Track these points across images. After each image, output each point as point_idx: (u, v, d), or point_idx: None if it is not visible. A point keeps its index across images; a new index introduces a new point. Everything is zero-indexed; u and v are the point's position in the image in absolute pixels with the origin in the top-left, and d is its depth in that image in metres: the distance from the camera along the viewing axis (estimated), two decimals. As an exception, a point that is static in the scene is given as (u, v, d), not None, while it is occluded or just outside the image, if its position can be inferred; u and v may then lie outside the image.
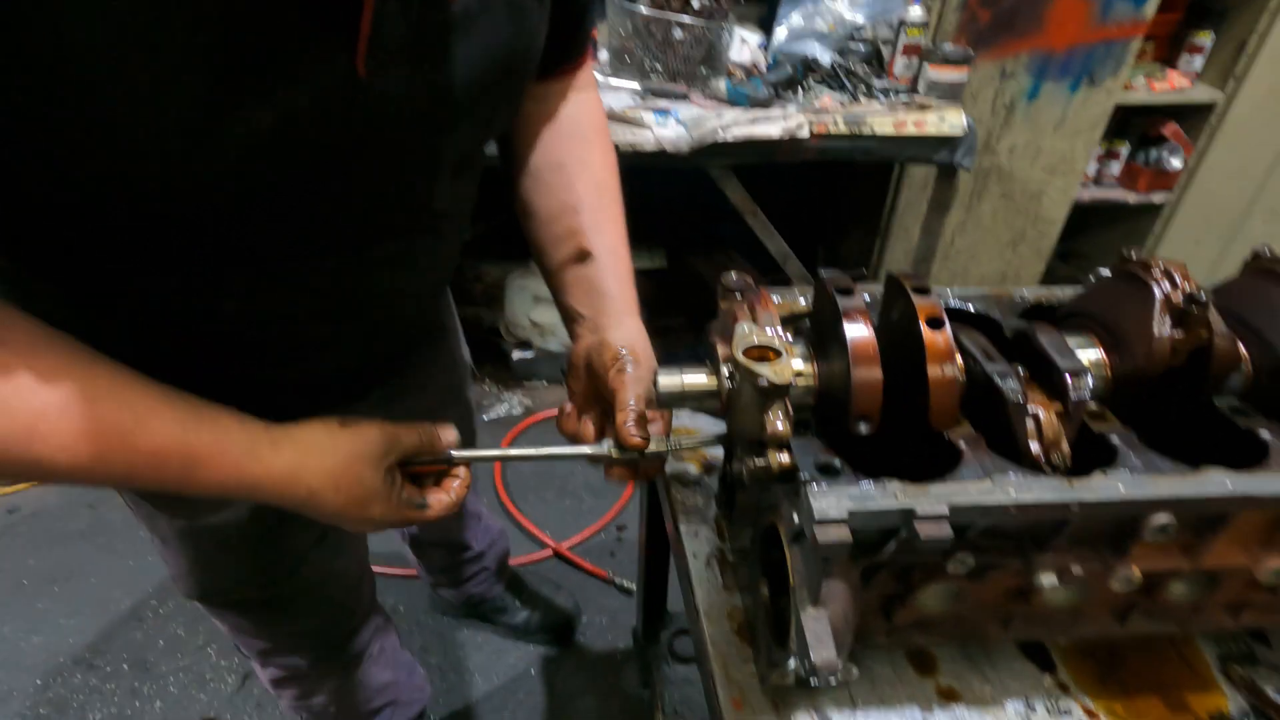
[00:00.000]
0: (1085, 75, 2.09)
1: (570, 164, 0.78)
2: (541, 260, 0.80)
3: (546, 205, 0.78)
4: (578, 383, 0.74)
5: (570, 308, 0.77)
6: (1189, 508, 0.51)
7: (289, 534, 0.85)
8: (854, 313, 0.54)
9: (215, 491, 0.56)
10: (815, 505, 0.49)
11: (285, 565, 0.88)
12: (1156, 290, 0.56)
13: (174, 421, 0.52)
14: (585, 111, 0.81)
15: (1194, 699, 0.69)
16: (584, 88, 0.81)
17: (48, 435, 0.47)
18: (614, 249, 0.78)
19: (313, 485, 0.58)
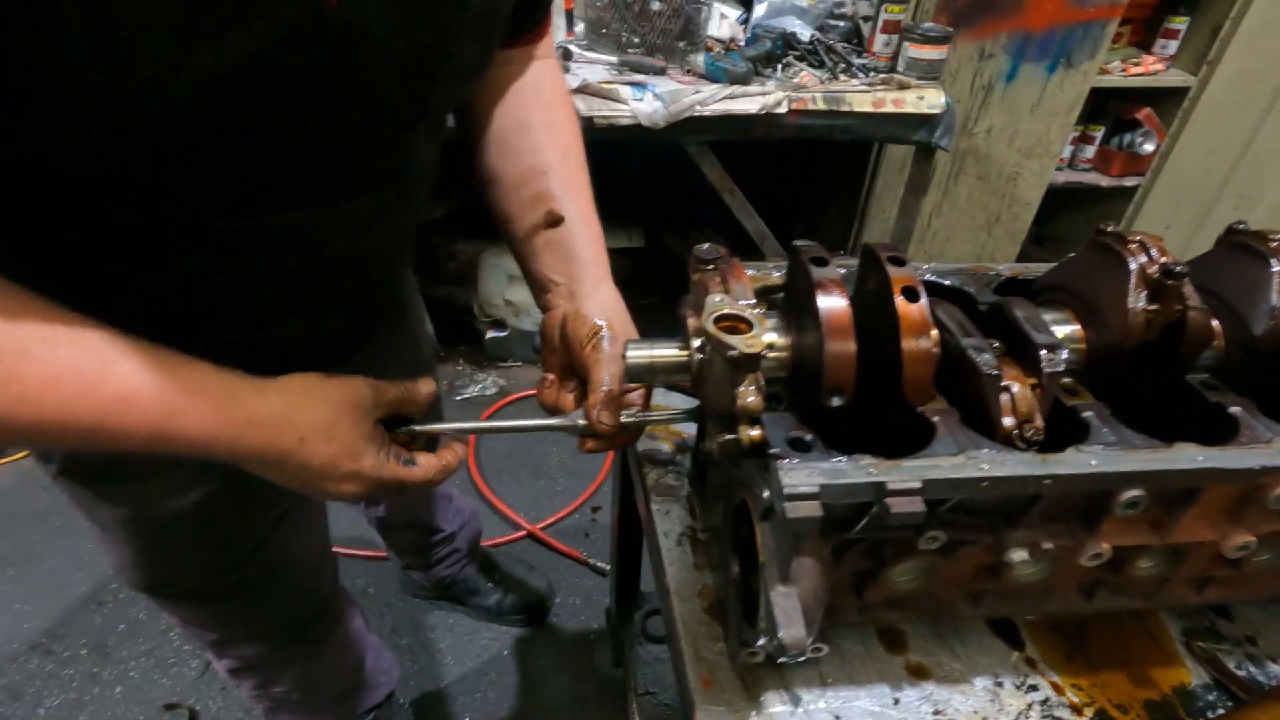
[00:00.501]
0: (1063, 57, 2.09)
1: (535, 128, 0.76)
2: (508, 227, 0.77)
3: (513, 170, 0.75)
4: (553, 355, 0.71)
5: (542, 275, 0.74)
6: (1160, 482, 0.51)
7: (242, 518, 0.81)
8: (828, 283, 0.52)
9: (194, 444, 0.51)
10: (785, 479, 0.47)
11: (239, 552, 0.83)
12: (1132, 262, 0.55)
13: (145, 366, 0.48)
14: (548, 78, 0.79)
15: (1158, 673, 0.70)
16: (544, 57, 0.80)
17: (5, 382, 0.43)
18: (585, 214, 0.76)
19: (304, 431, 0.55)
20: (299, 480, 0.58)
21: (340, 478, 0.58)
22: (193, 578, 0.84)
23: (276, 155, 0.52)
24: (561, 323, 0.70)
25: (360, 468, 0.58)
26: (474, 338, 2.42)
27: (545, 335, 0.72)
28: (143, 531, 0.77)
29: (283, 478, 0.57)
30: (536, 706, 1.50)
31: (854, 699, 0.66)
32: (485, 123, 0.76)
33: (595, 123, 1.64)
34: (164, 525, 0.76)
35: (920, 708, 0.66)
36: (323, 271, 0.65)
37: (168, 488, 0.73)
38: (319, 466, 0.56)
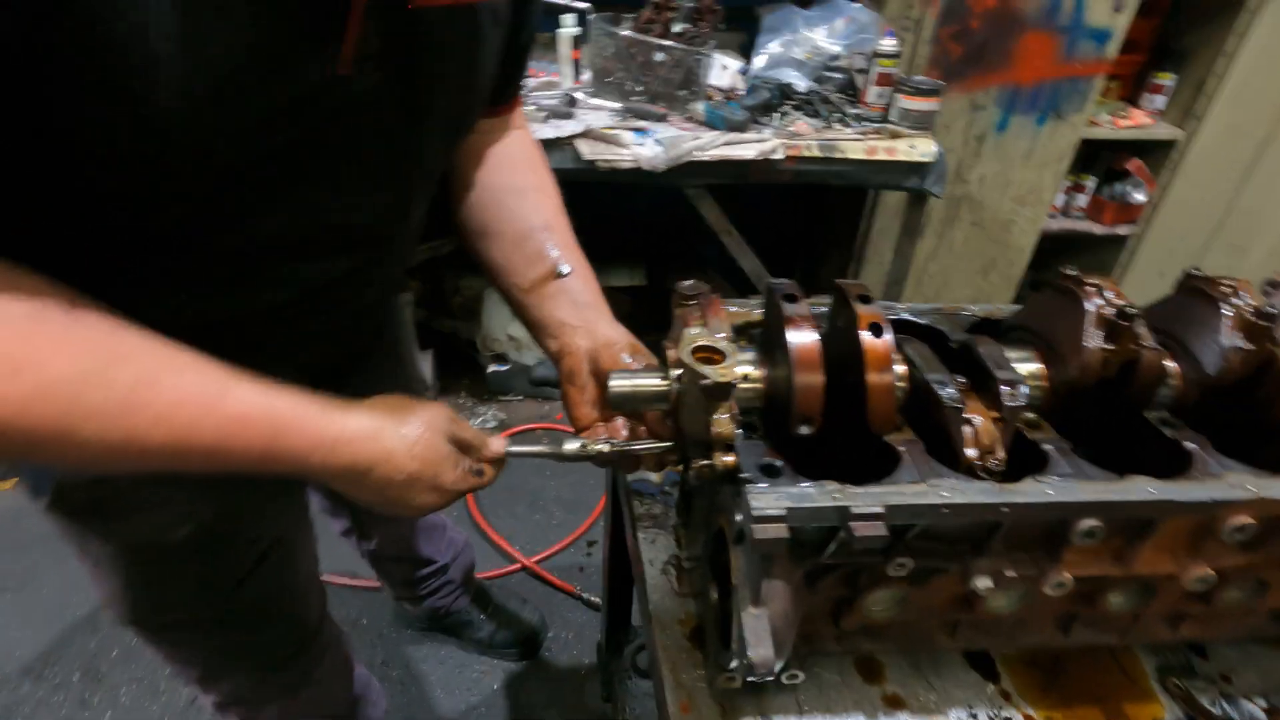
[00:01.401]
0: (1052, 109, 2.16)
1: (530, 190, 0.83)
2: (510, 279, 0.81)
3: (513, 228, 0.81)
4: (582, 390, 0.74)
5: (555, 319, 0.78)
6: (1115, 513, 0.53)
7: (229, 552, 0.83)
8: (798, 319, 0.56)
9: (296, 459, 0.55)
10: (754, 503, 0.50)
11: (226, 584, 0.85)
12: (1089, 305, 0.59)
13: (254, 389, 0.53)
14: (530, 145, 0.88)
15: (1132, 709, 0.70)
16: (519, 126, 0.88)
17: (141, 406, 0.47)
18: (585, 267, 0.82)
19: (389, 446, 0.59)
20: (383, 495, 0.61)
21: (422, 490, 0.63)
22: (181, 610, 0.85)
23: (278, 213, 0.56)
24: (591, 359, 0.74)
25: (441, 483, 0.63)
26: (476, 371, 2.46)
27: (571, 374, 0.74)
28: (132, 565, 0.79)
29: (366, 492, 0.61)
30: (526, 741, 1.49)
31: (830, 727, 0.67)
32: (474, 184, 0.83)
33: (598, 165, 1.70)
34: (153, 559, 0.79)
35: (895, 738, 0.67)
36: (313, 316, 0.69)
37: (157, 523, 0.76)
38: (403, 480, 0.61)
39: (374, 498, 0.62)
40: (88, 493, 0.71)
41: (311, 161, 0.54)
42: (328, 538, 0.99)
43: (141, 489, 0.72)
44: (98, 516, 0.74)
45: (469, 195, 0.83)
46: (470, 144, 0.82)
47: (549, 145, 1.70)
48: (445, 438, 0.64)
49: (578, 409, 0.74)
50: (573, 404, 0.74)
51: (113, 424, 0.47)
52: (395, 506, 0.63)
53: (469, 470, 0.66)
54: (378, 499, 0.62)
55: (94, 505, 0.73)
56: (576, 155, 1.70)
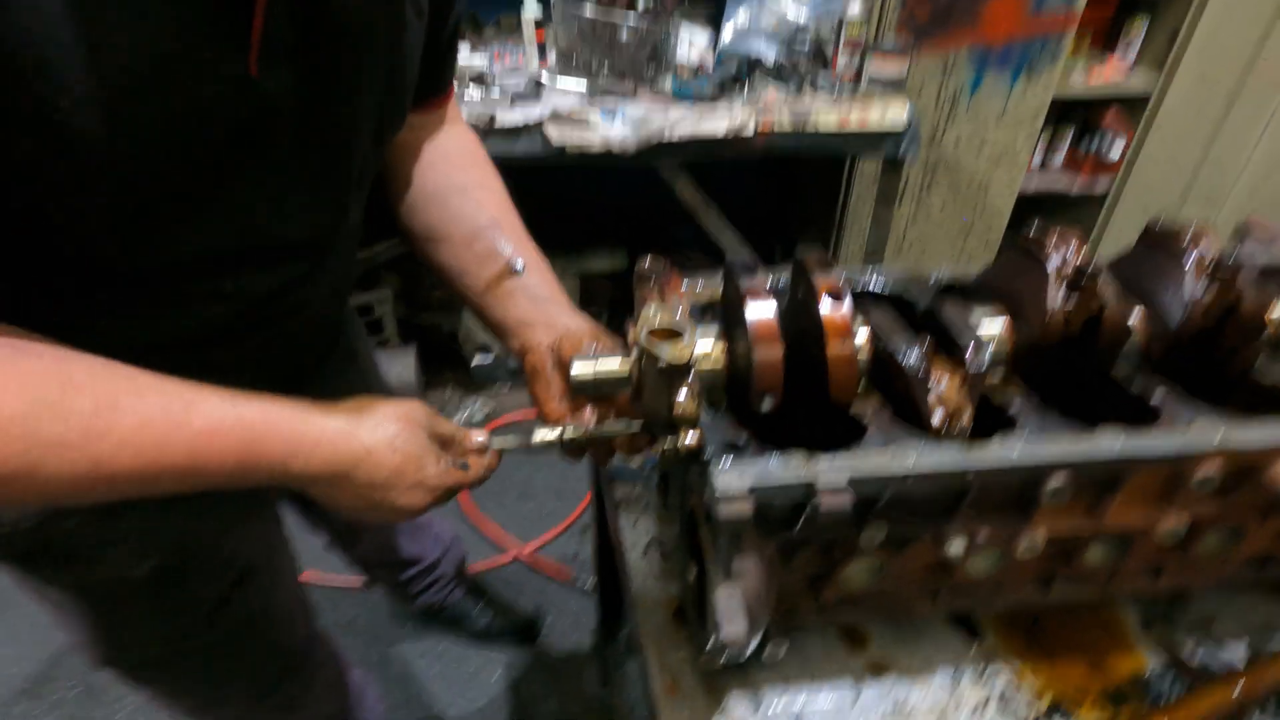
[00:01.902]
0: (1024, 67, 2.14)
1: (473, 188, 0.81)
2: (463, 280, 0.79)
3: (460, 229, 0.79)
4: (548, 388, 0.72)
5: (514, 317, 0.77)
6: (1083, 469, 0.53)
7: (198, 583, 0.80)
8: (756, 291, 0.55)
9: (274, 466, 0.54)
10: (718, 481, 0.49)
11: (198, 617, 0.82)
12: (1049, 264, 0.58)
13: (221, 399, 0.52)
14: (468, 139, 0.85)
15: (1115, 661, 0.71)
16: (456, 120, 0.85)
17: (104, 432, 0.46)
18: (538, 261, 0.80)
19: (368, 443, 0.58)
20: (367, 497, 0.60)
21: (406, 488, 0.61)
22: (154, 647, 0.82)
23: (204, 225, 0.54)
24: (554, 351, 0.72)
25: (424, 477, 0.61)
26: (461, 364, 2.44)
27: (534, 370, 0.73)
28: (95, 607, 0.76)
29: (349, 496, 0.60)
30: (527, 729, 1.50)
31: (815, 698, 0.67)
32: (415, 185, 0.80)
33: (567, 149, 1.68)
34: (116, 598, 0.76)
35: (880, 704, 0.67)
36: (259, 330, 0.67)
37: (114, 560, 0.73)
38: (385, 478, 0.59)
39: (357, 502, 0.60)
40: (35, 536, 0.69)
41: (231, 169, 0.52)
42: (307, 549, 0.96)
43: (92, 526, 0.69)
44: (49, 560, 0.71)
45: (410, 198, 0.81)
46: (404, 142, 0.79)
47: (516, 132, 1.67)
48: (425, 431, 0.63)
49: (546, 404, 0.73)
50: (541, 400, 0.73)
51: (77, 454, 0.45)
52: (380, 509, 0.61)
53: (453, 464, 0.65)
54: (362, 503, 0.60)
55: (44, 548, 0.70)
56: (545, 140, 1.68)
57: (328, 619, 1.67)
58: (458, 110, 0.86)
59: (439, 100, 0.81)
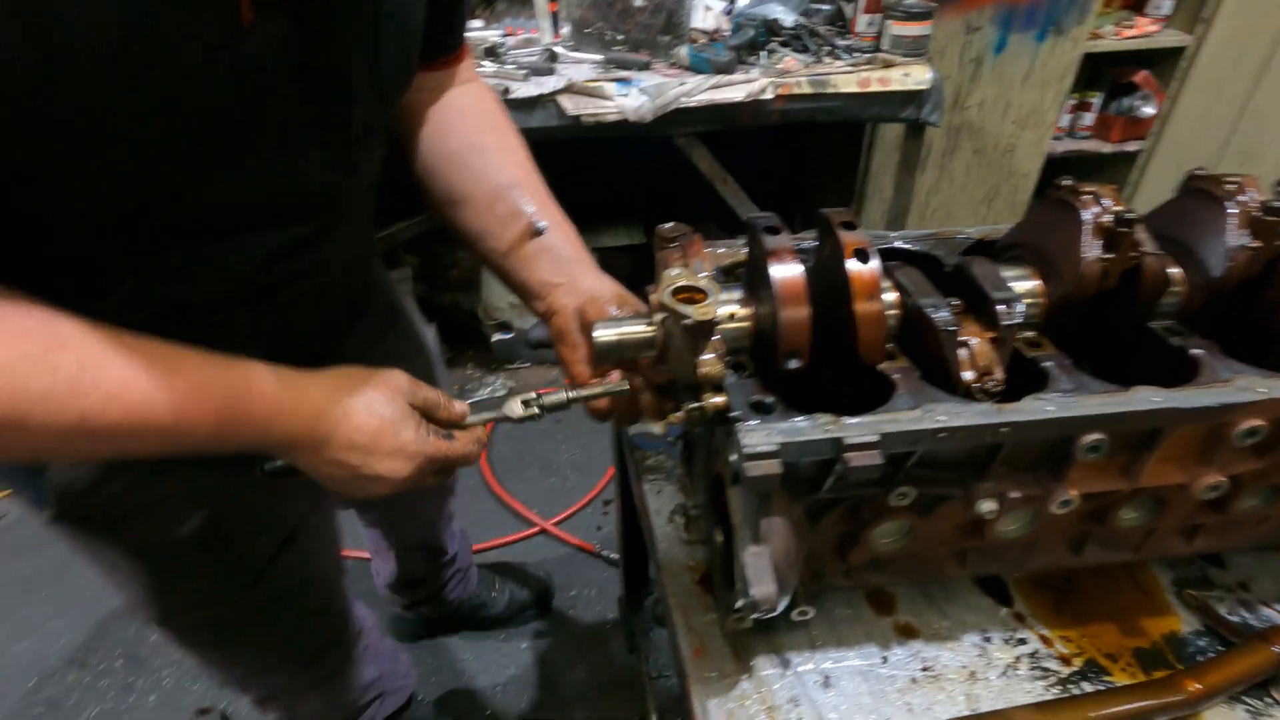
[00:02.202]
0: (1051, 25, 2.07)
1: (492, 147, 0.80)
2: (486, 243, 0.78)
3: (480, 190, 0.78)
4: (574, 350, 0.71)
5: (538, 280, 0.76)
6: (1119, 425, 0.51)
7: (244, 542, 0.82)
8: (781, 252, 0.54)
9: (256, 428, 0.55)
10: (745, 440, 0.49)
11: (246, 576, 0.83)
12: (1085, 214, 0.56)
13: (206, 360, 0.53)
14: (487, 99, 0.84)
15: (1148, 622, 0.70)
16: (473, 80, 0.84)
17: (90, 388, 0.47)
18: (561, 220, 0.79)
19: (348, 408, 0.59)
20: (347, 464, 0.60)
21: (386, 454, 0.61)
22: (204, 607, 0.84)
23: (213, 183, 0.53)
24: (579, 315, 0.71)
25: (403, 442, 0.62)
26: (480, 342, 2.46)
27: (561, 333, 0.73)
28: (146, 566, 0.78)
29: (328, 464, 0.60)
30: (555, 697, 1.52)
31: (843, 659, 0.67)
32: (433, 147, 0.79)
33: (583, 120, 1.66)
34: (165, 558, 0.78)
35: (909, 665, 0.67)
36: (275, 292, 0.67)
37: (161, 522, 0.74)
38: (365, 442, 0.60)
39: (338, 470, 0.61)
40: (87, 500, 0.70)
41: (233, 125, 0.51)
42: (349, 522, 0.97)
43: (141, 487, 0.71)
44: (101, 523, 0.73)
45: (429, 161, 0.79)
46: (420, 104, 0.78)
47: (531, 103, 1.65)
48: (405, 398, 0.63)
49: (573, 367, 0.72)
50: (567, 363, 0.73)
51: (63, 406, 0.46)
52: (362, 478, 0.62)
53: (435, 434, 0.65)
54: (342, 470, 0.61)
55: (96, 512, 0.72)
56: (560, 112, 1.66)
57: (356, 590, 1.71)
58: (473, 70, 0.84)
59: (450, 59, 0.79)
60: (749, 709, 0.63)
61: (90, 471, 0.68)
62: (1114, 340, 0.62)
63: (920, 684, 0.65)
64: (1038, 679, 0.65)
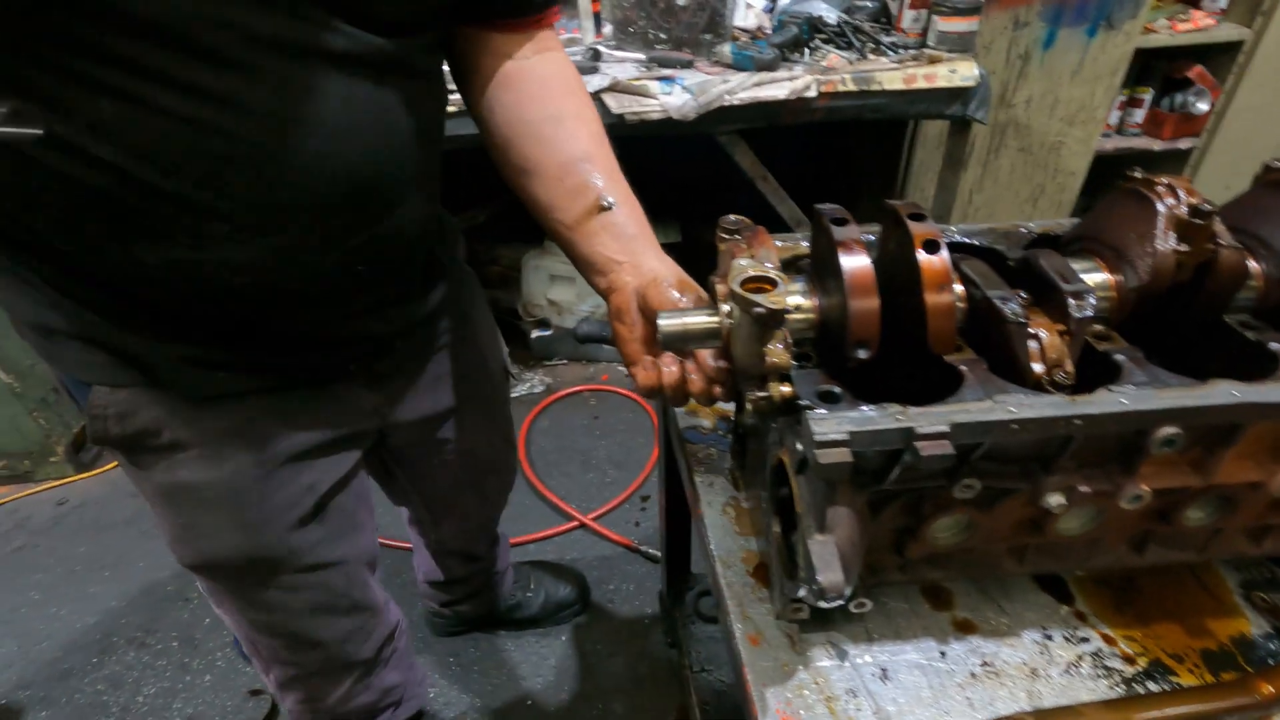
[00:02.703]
0: (1102, 19, 2.03)
1: (567, 118, 0.79)
2: (554, 215, 0.78)
3: (553, 160, 0.77)
4: (631, 328, 0.71)
5: (601, 256, 0.75)
6: (1195, 419, 0.51)
7: (276, 501, 0.83)
8: (849, 242, 0.54)
9: None
10: (815, 428, 0.49)
11: (277, 532, 0.85)
12: (1159, 205, 0.55)
13: None
14: (567, 69, 0.82)
15: (1215, 624, 0.69)
16: (556, 48, 0.83)
17: None
18: (629, 196, 0.78)
19: None
20: None
21: None
22: (235, 558, 0.85)
23: None
24: (639, 296, 0.70)
25: None
26: (520, 338, 2.49)
27: (620, 311, 0.71)
28: (178, 505, 0.81)
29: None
30: (595, 687, 1.54)
31: (900, 652, 0.67)
32: (513, 116, 0.79)
33: (626, 119, 1.67)
34: (195, 499, 0.80)
35: (968, 660, 0.67)
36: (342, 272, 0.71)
37: (191, 461, 0.78)
38: None
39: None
40: (116, 427, 0.75)
41: None
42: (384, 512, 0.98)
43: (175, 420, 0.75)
44: (136, 451, 0.77)
45: (506, 130, 0.79)
46: (502, 71, 0.78)
47: (575, 102, 1.67)
48: None
49: (627, 345, 0.71)
50: (622, 341, 0.72)
51: None
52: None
53: None
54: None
55: (129, 442, 0.76)
56: (605, 110, 1.68)
57: (400, 579, 1.74)
58: (557, 39, 0.83)
59: (533, 20, 0.78)
60: (806, 698, 0.64)
61: (125, 398, 0.73)
62: (1186, 334, 0.61)
63: (980, 679, 0.65)
64: (1101, 677, 0.64)
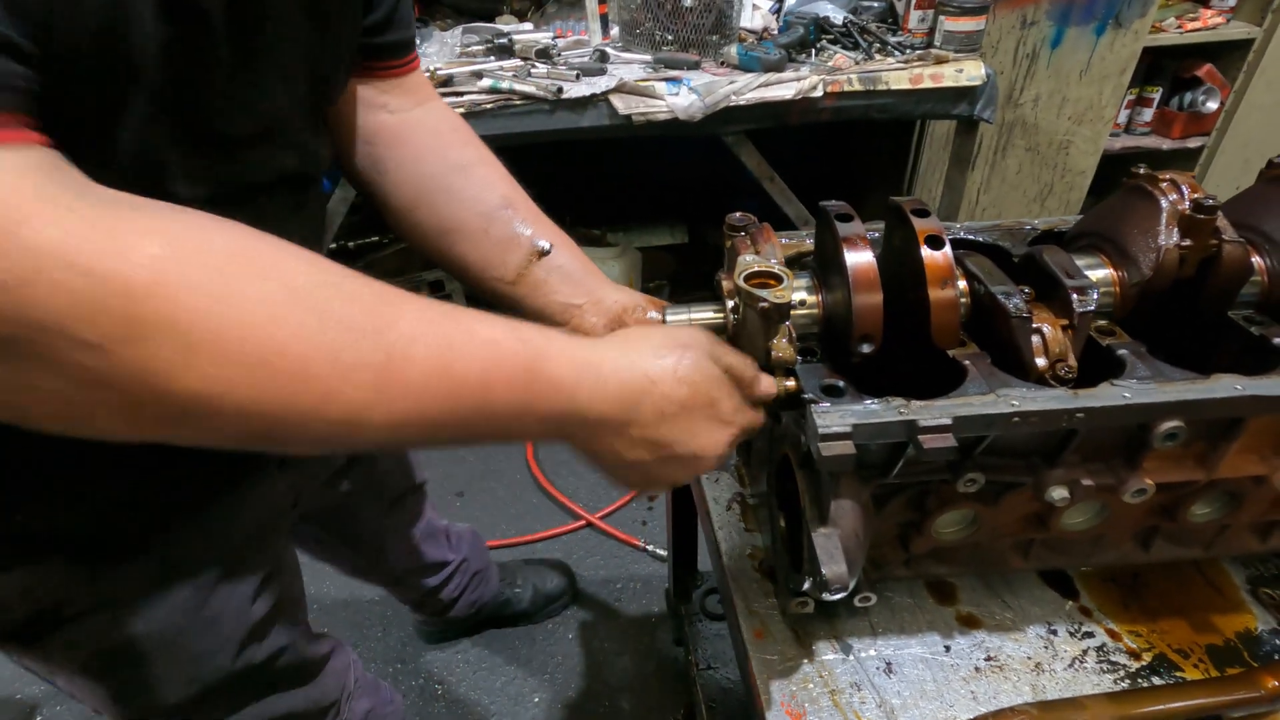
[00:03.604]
0: (1111, 18, 2.02)
1: (474, 165, 0.74)
2: (490, 274, 0.71)
3: (471, 212, 0.71)
4: None
5: (557, 304, 0.70)
6: (1198, 412, 0.51)
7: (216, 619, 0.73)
8: (854, 238, 0.55)
9: (561, 393, 0.45)
10: (819, 421, 0.50)
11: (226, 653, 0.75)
12: (1163, 200, 0.56)
13: (495, 320, 0.45)
14: (454, 116, 0.77)
15: (1221, 619, 0.69)
16: (434, 97, 0.77)
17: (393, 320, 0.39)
18: (561, 234, 0.73)
19: (651, 373, 0.48)
20: (659, 444, 0.49)
21: (704, 425, 0.50)
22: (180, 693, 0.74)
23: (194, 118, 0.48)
24: (612, 327, 0.68)
25: (720, 410, 0.51)
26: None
27: None
28: (113, 666, 0.70)
29: (640, 446, 0.49)
30: (602, 685, 1.55)
31: (905, 647, 0.68)
32: (412, 174, 0.73)
33: (633, 120, 1.68)
34: (134, 653, 0.69)
35: (972, 654, 0.67)
36: None
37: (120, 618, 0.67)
38: (675, 413, 0.49)
39: (644, 453, 0.50)
40: (26, 603, 0.62)
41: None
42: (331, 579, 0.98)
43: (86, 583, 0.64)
44: (49, 630, 0.64)
45: (407, 191, 0.73)
46: (387, 127, 0.73)
47: (583, 103, 1.68)
48: (711, 358, 0.51)
49: None
50: None
51: (370, 343, 0.38)
52: (671, 461, 0.50)
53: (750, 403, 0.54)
54: (649, 454, 0.50)
55: (34, 620, 0.63)
56: (612, 111, 1.68)
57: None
58: (433, 88, 0.77)
59: (403, 65, 0.73)
60: (811, 691, 0.64)
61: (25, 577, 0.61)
62: (1189, 329, 0.61)
63: (984, 673, 0.65)
64: (1106, 672, 0.65)
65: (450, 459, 2.12)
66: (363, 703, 1.07)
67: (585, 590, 1.75)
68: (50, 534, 0.61)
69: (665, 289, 2.64)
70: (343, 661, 0.99)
